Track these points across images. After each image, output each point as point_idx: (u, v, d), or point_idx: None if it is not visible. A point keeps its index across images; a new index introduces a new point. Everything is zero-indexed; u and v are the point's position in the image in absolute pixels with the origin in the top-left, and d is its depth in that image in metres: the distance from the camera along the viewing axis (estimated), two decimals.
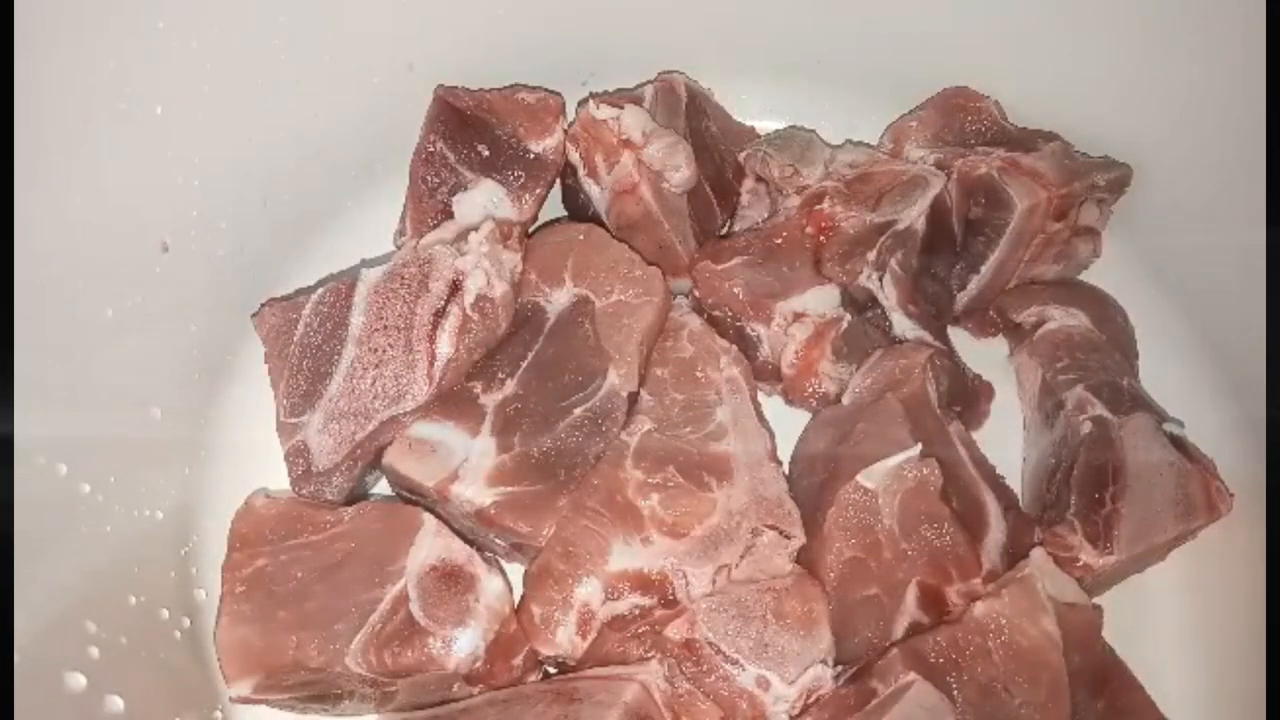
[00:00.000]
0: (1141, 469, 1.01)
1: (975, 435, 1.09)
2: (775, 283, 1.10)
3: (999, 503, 1.00)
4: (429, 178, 1.13)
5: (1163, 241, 1.18)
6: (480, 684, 0.91)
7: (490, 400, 1.00)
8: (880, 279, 1.12)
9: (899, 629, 0.95)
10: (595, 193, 1.14)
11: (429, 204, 1.13)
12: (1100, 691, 0.93)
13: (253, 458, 1.04)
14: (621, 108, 1.10)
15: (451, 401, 1.00)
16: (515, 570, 0.99)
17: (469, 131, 1.13)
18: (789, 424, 1.08)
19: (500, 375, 1.02)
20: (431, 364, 0.98)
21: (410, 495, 1.00)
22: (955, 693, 0.86)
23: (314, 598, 0.90)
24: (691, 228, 1.16)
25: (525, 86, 1.15)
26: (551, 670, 0.97)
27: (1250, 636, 0.98)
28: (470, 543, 0.93)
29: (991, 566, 0.95)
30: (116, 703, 0.84)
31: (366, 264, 1.05)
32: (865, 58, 1.24)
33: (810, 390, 1.09)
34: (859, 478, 0.94)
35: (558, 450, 0.97)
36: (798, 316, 1.08)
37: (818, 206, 1.11)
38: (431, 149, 1.13)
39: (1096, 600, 0.96)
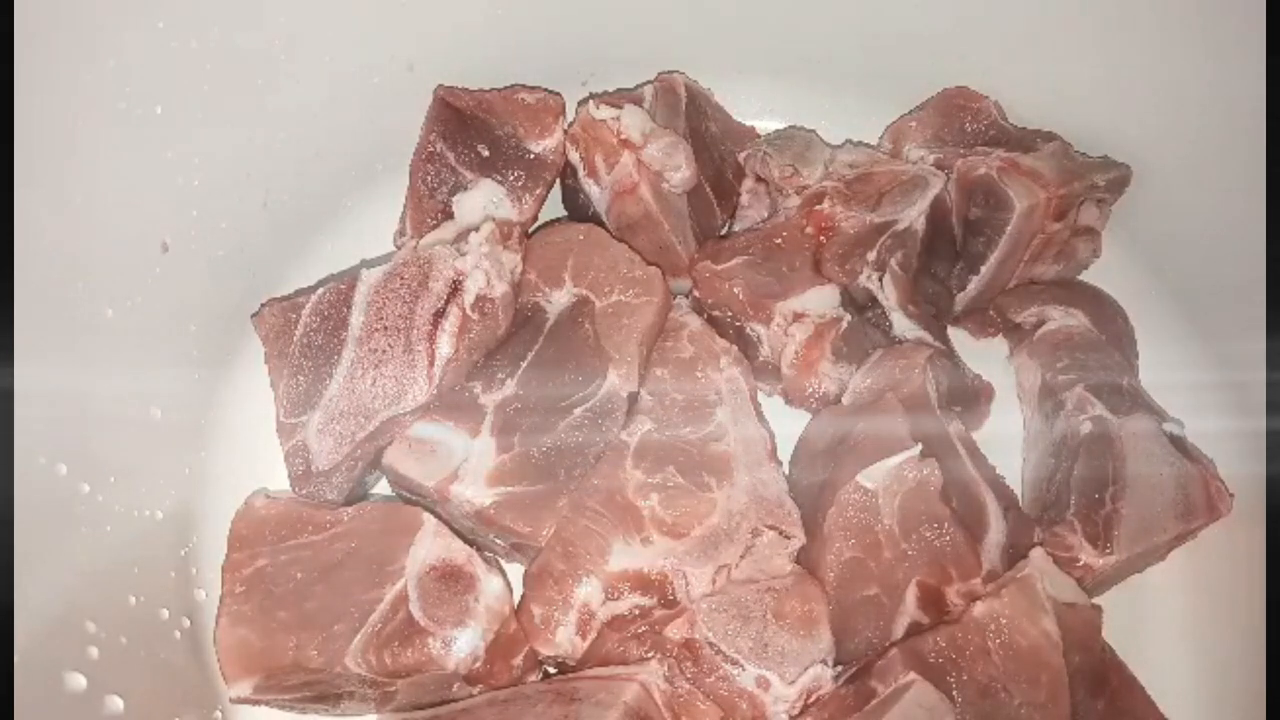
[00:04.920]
0: (1141, 469, 1.01)
1: (975, 435, 1.09)
2: (775, 283, 1.10)
3: (999, 503, 1.00)
4: (429, 178, 1.13)
5: (1163, 241, 1.18)
6: (480, 684, 0.91)
7: (490, 400, 1.00)
8: (880, 279, 1.12)
9: (899, 629, 0.95)
10: (595, 193, 1.14)
11: (429, 204, 1.13)
12: (1100, 691, 0.93)
13: (253, 458, 1.04)
14: (621, 108, 1.10)
15: (451, 401, 1.00)
16: (515, 570, 0.99)
17: (469, 131, 1.13)
18: (789, 424, 1.08)
19: (500, 375, 1.02)
20: (431, 364, 0.98)
21: (410, 495, 1.00)
22: (955, 693, 0.86)
23: (314, 598, 0.90)
24: (691, 228, 1.16)
25: (525, 86, 1.15)
26: (551, 670, 0.97)
27: (1250, 636, 0.98)
28: (470, 543, 0.93)
29: (991, 566, 0.95)
30: (116, 703, 0.84)
31: (366, 264, 1.05)
32: (865, 58, 1.24)
33: (810, 390, 1.08)
34: (859, 478, 0.94)
35: (558, 450, 0.97)
36: (798, 316, 1.08)
37: (818, 206, 1.11)
38: (431, 149, 1.13)
39: (1096, 600, 0.96)
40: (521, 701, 0.87)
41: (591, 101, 1.12)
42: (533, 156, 1.13)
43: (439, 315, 0.98)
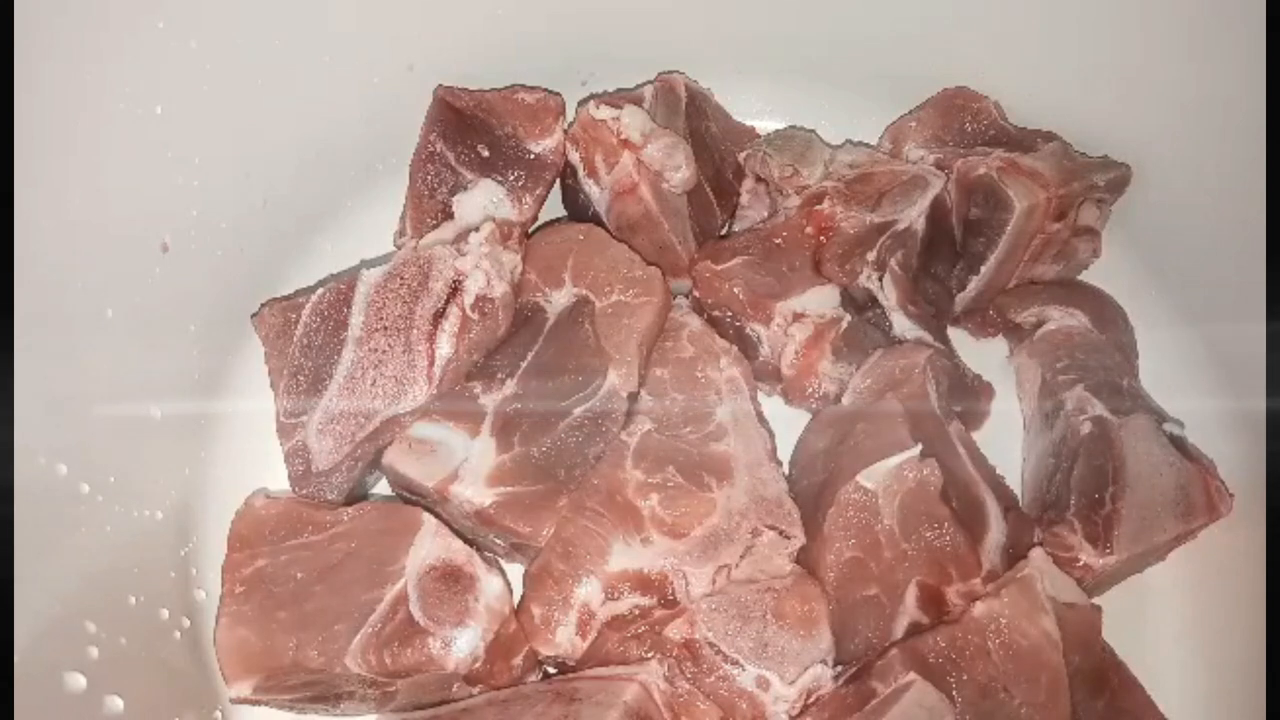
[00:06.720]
0: (1141, 469, 1.01)
1: (975, 435, 1.09)
2: (775, 283, 1.10)
3: (999, 503, 1.00)
4: (429, 178, 1.13)
5: (1163, 241, 1.18)
6: (480, 684, 0.91)
7: (490, 400, 1.00)
8: (880, 279, 1.12)
9: (899, 629, 0.95)
10: (595, 193, 1.14)
11: (429, 204, 1.13)
12: (1100, 691, 0.93)
13: (253, 458, 1.04)
14: (621, 108, 1.10)
15: (451, 401, 1.00)
16: (515, 570, 0.99)
17: (469, 132, 1.13)
18: (789, 424, 1.08)
19: (500, 375, 1.02)
20: (431, 364, 0.98)
21: (410, 495, 1.00)
22: (955, 693, 0.86)
23: (313, 598, 0.90)
24: (691, 228, 1.16)
25: (525, 86, 1.15)
26: (551, 670, 0.97)
27: (1250, 636, 0.98)
28: (470, 543, 0.93)
29: (991, 566, 0.95)
30: (116, 703, 0.84)
31: (366, 264, 1.05)
32: (865, 58, 1.24)
33: (810, 390, 1.09)
34: (859, 478, 0.94)
35: (558, 450, 0.97)
36: (798, 316, 1.08)
37: (818, 206, 1.11)
38: (431, 149, 1.13)
39: (1096, 600, 0.96)
40: (521, 701, 0.87)
41: (591, 101, 1.12)
42: (533, 156, 1.13)
43: (439, 315, 0.99)
